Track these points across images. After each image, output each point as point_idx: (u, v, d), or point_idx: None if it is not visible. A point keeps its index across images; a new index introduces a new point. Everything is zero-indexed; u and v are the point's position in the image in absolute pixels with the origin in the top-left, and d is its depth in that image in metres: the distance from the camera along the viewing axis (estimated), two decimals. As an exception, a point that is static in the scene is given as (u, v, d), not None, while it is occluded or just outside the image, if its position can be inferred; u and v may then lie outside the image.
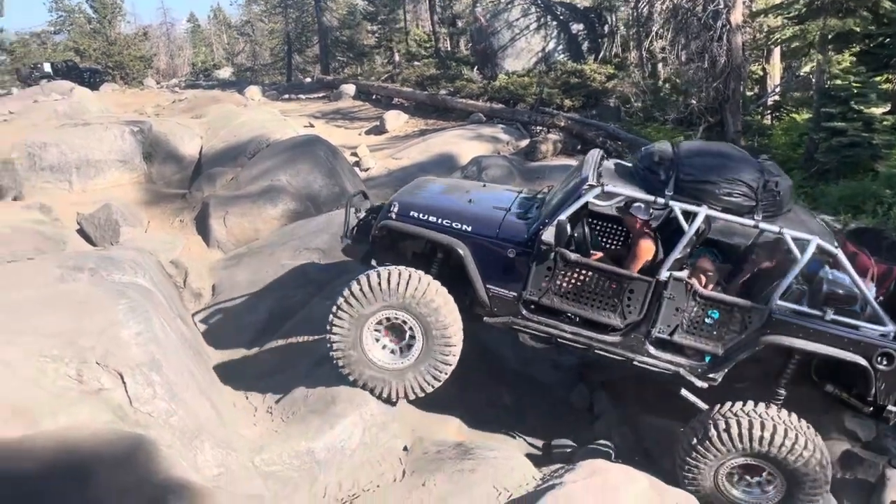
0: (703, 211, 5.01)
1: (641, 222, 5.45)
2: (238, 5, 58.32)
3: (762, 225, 5.00)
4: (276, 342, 6.99)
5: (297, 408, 5.55)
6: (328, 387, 5.63)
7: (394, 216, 5.69)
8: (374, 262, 5.88)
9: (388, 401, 5.62)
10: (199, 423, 4.68)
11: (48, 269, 5.86)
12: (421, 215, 5.63)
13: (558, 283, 5.30)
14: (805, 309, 4.93)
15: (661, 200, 5.10)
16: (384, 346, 5.52)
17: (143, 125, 14.07)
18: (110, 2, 42.34)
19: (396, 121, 21.00)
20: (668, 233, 5.58)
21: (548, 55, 23.66)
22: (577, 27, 24.59)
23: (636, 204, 5.29)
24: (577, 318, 5.39)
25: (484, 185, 6.73)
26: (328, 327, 5.42)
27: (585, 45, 24.49)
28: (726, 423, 4.94)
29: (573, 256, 5.24)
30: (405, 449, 5.61)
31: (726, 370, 5.15)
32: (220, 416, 5.11)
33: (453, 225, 5.51)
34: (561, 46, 23.95)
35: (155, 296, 5.95)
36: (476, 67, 25.54)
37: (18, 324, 4.63)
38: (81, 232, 10.67)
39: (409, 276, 5.34)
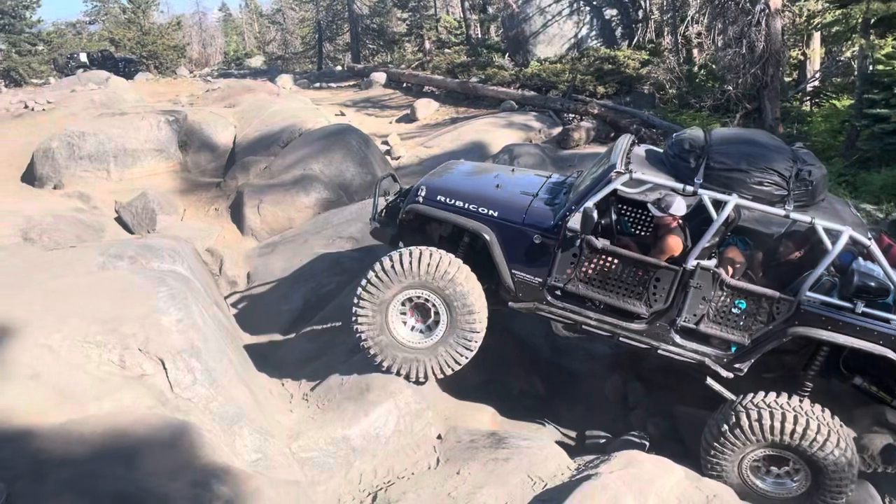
0: (732, 200, 4.95)
1: (669, 216, 5.36)
2: (269, -7, 58.54)
3: (793, 215, 4.91)
4: (311, 330, 7.08)
5: (332, 395, 5.62)
6: (362, 374, 5.70)
7: (421, 200, 5.73)
8: (401, 245, 5.88)
9: (421, 382, 5.67)
10: (238, 409, 4.77)
11: (90, 256, 5.99)
12: (448, 200, 5.66)
13: (584, 269, 5.30)
14: (835, 301, 4.87)
15: (689, 188, 5.05)
16: (412, 328, 5.57)
17: (178, 114, 14.25)
18: (144, -9, 42.84)
19: (427, 109, 20.95)
20: (696, 221, 5.51)
21: (580, 41, 23.38)
22: (610, 12, 24.23)
23: (670, 199, 5.24)
24: (602, 305, 5.38)
25: (513, 170, 6.71)
26: (353, 319, 5.48)
27: (619, 31, 24.14)
28: (752, 413, 4.91)
29: (600, 244, 5.21)
30: (439, 437, 5.65)
31: (752, 360, 5.12)
32: (257, 402, 5.19)
33: (480, 210, 5.54)
34: (594, 32, 23.65)
35: (193, 283, 6.05)
36: (507, 54, 25.35)
37: (63, 310, 4.74)
38: (119, 220, 10.89)
39: (420, 254, 5.38)
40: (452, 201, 5.64)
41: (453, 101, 22.42)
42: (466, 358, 5.53)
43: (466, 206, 5.58)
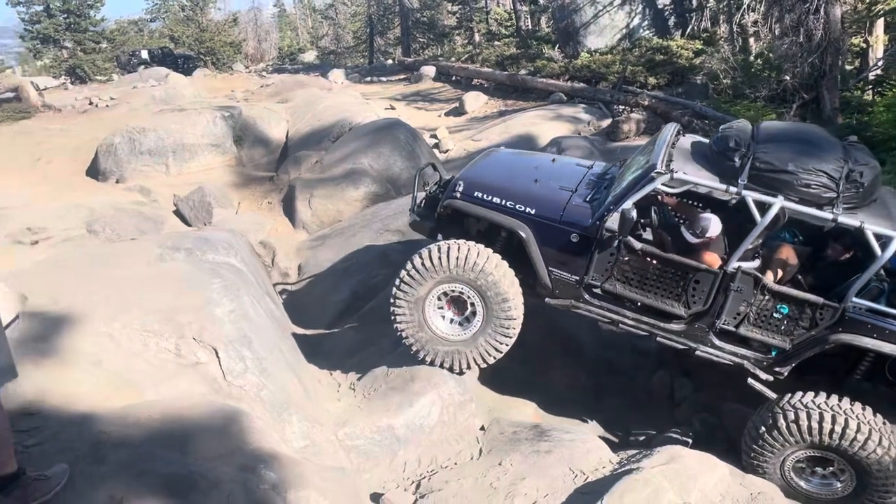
0: (778, 202, 4.78)
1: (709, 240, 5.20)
2: (322, -11, 59.25)
3: (841, 219, 4.70)
4: (358, 321, 7.23)
5: (378, 385, 5.75)
6: (407, 365, 5.80)
7: (458, 195, 5.74)
8: (439, 238, 5.93)
9: (463, 372, 5.75)
10: (287, 398, 4.92)
11: (149, 248, 6.25)
12: (485, 196, 5.64)
13: (622, 269, 5.24)
14: (883, 308, 4.72)
15: (733, 189, 4.89)
16: (451, 321, 5.62)
17: (233, 110, 14.63)
18: (202, -11, 43.92)
19: (476, 102, 20.94)
20: (740, 219, 5.34)
21: (632, 31, 22.99)
22: (663, 1, 23.73)
23: (705, 224, 5.12)
24: (640, 305, 5.32)
25: (553, 160, 6.64)
26: (392, 318, 5.56)
27: (672, 21, 23.63)
28: (795, 414, 4.81)
29: (638, 245, 5.16)
30: (482, 429, 5.72)
31: (793, 365, 5.01)
32: (306, 391, 5.35)
33: (517, 207, 5.51)
34: (646, 22, 23.20)
35: (245, 275, 6.26)
36: (557, 46, 25.10)
37: (123, 300, 4.97)
38: (177, 213, 11.27)
39: (449, 248, 5.40)
40: (490, 197, 5.61)
41: (502, 94, 22.34)
42: (507, 345, 5.55)
43: (504, 202, 5.56)
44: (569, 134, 15.12)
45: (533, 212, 5.46)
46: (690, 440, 5.73)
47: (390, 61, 39.29)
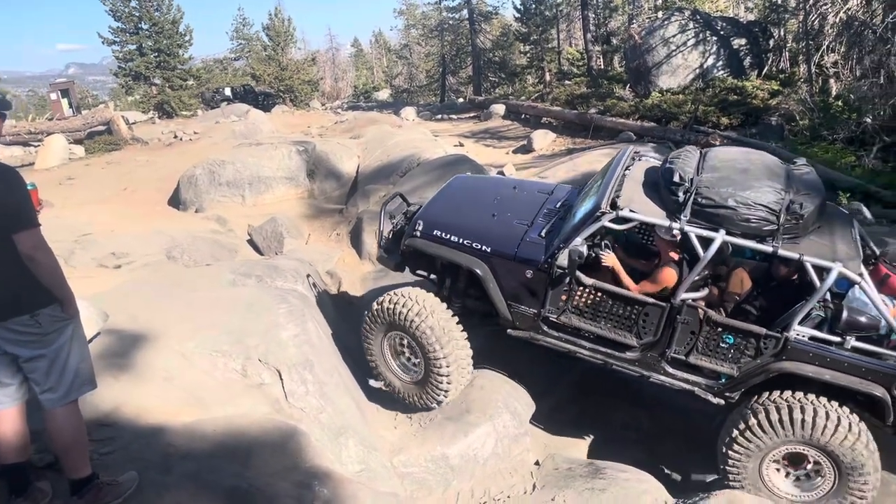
0: (719, 237, 4.86)
1: (669, 247, 5.26)
2: (397, 30, 61.01)
3: (781, 251, 4.75)
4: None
5: (433, 414, 5.82)
6: (464, 396, 5.85)
7: (419, 234, 5.97)
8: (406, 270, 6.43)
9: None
10: (345, 422, 5.06)
11: (222, 274, 6.56)
12: (443, 234, 5.85)
13: (575, 302, 5.38)
14: (825, 336, 4.76)
15: (675, 226, 4.97)
16: (404, 364, 6.03)
17: (307, 145, 15.18)
18: (284, 30, 45.88)
19: (544, 140, 21.04)
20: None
21: (706, 71, 22.74)
22: (738, 42, 23.41)
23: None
24: (595, 335, 5.42)
25: (514, 187, 6.74)
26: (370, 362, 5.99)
27: (748, 61, 23.27)
28: (766, 410, 4.80)
29: (589, 281, 5.26)
30: (537, 463, 5.70)
31: (743, 390, 5.06)
32: (363, 417, 5.48)
33: (473, 245, 5.69)
34: (720, 62, 22.92)
35: (311, 302, 6.48)
36: (629, 85, 25.08)
37: (196, 322, 5.25)
38: (251, 242, 11.72)
39: (390, 298, 5.75)
40: (448, 235, 5.82)
41: (571, 133, 22.41)
42: (441, 400, 5.75)
43: (461, 240, 5.74)
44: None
45: (489, 249, 5.62)
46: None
47: (461, 100, 39.95)
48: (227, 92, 38.95)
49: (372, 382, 6.18)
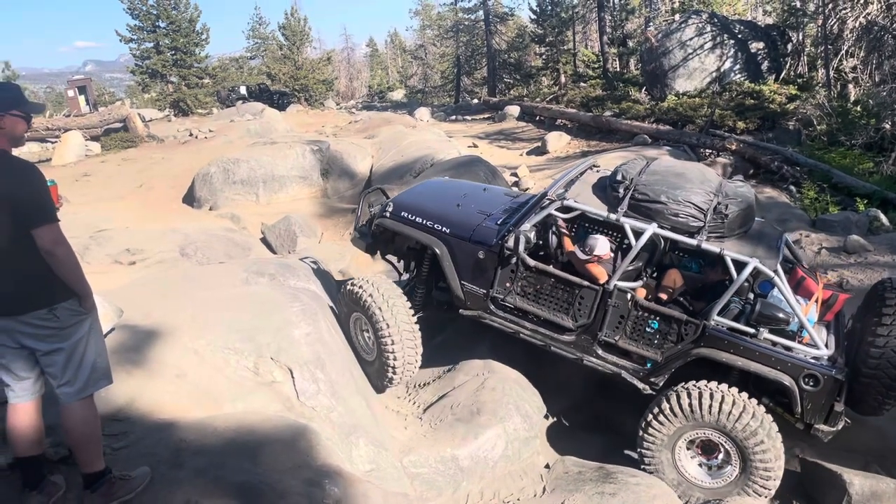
0: (650, 228, 5.34)
1: (581, 264, 5.64)
2: (413, 31, 61.10)
3: (704, 245, 5.22)
4: (428, 352, 7.32)
5: (444, 415, 5.82)
6: (474, 398, 5.85)
7: (388, 215, 6.47)
8: (379, 254, 6.95)
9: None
10: (356, 421, 5.06)
11: (235, 272, 6.59)
12: (410, 216, 6.34)
13: (520, 284, 5.76)
14: (740, 326, 5.09)
15: (612, 216, 5.47)
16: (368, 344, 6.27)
17: (321, 144, 15.26)
18: (299, 29, 46.06)
19: (558, 142, 21.03)
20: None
21: (723, 75, 22.59)
22: (756, 46, 23.26)
23: (593, 242, 5.57)
24: (537, 317, 5.76)
25: (485, 190, 7.29)
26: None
27: (765, 65, 23.11)
28: (677, 395, 5.12)
29: (532, 262, 5.67)
30: (547, 466, 5.69)
31: (666, 376, 5.38)
32: (374, 416, 5.48)
33: (435, 226, 6.16)
34: (738, 66, 22.74)
35: (323, 301, 6.50)
36: (644, 88, 24.99)
37: (209, 319, 5.27)
38: (264, 240, 11.79)
39: (357, 284, 6.08)
40: (413, 217, 6.30)
41: (585, 135, 22.38)
42: (395, 380, 5.98)
43: (424, 221, 6.22)
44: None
45: (448, 230, 6.09)
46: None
47: (476, 101, 39.98)
48: (243, 90, 39.18)
49: None
